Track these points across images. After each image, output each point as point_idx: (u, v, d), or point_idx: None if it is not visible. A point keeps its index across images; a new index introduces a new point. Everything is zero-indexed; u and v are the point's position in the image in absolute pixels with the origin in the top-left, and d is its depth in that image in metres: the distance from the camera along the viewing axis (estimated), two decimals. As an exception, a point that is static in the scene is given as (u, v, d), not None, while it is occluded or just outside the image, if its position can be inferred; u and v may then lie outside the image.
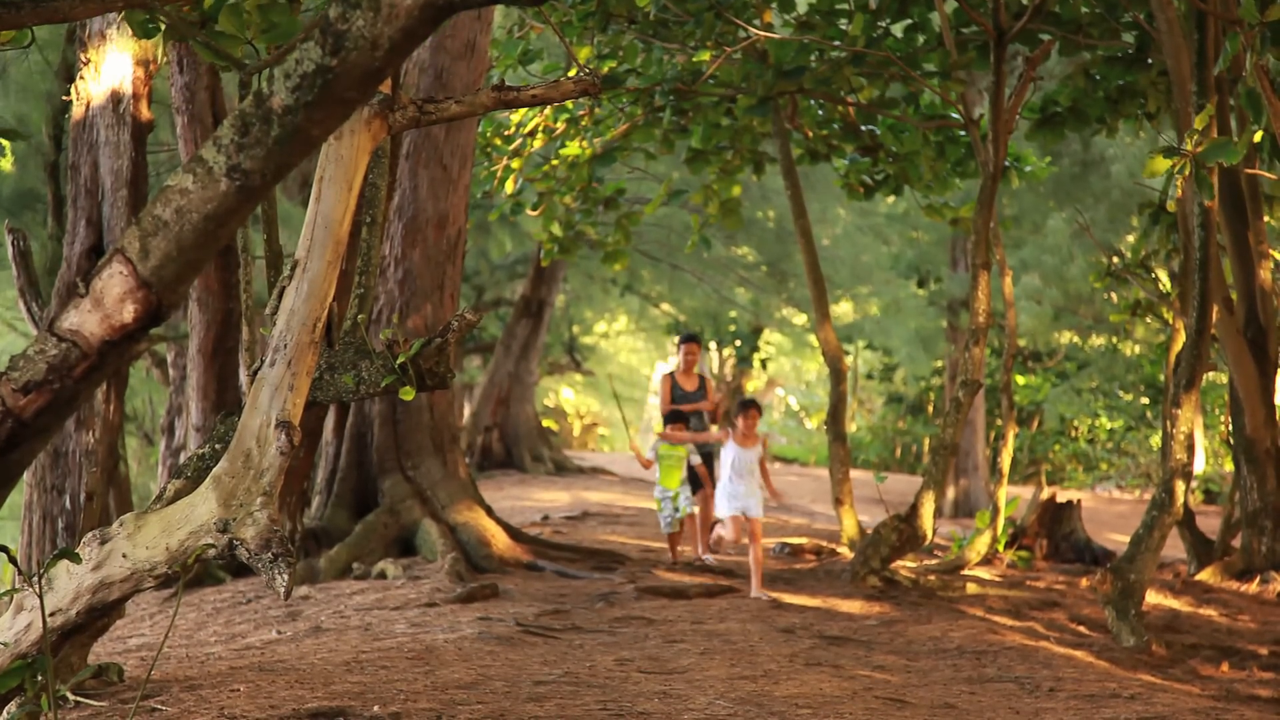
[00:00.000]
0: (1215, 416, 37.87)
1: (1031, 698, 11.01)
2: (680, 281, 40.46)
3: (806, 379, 66.02)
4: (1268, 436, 19.14)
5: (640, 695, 10.37)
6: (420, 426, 18.57)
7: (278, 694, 9.83)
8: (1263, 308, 19.22)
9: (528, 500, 28.34)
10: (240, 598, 15.46)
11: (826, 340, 19.90)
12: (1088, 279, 28.62)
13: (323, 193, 6.95)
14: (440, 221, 18.95)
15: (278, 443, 6.65)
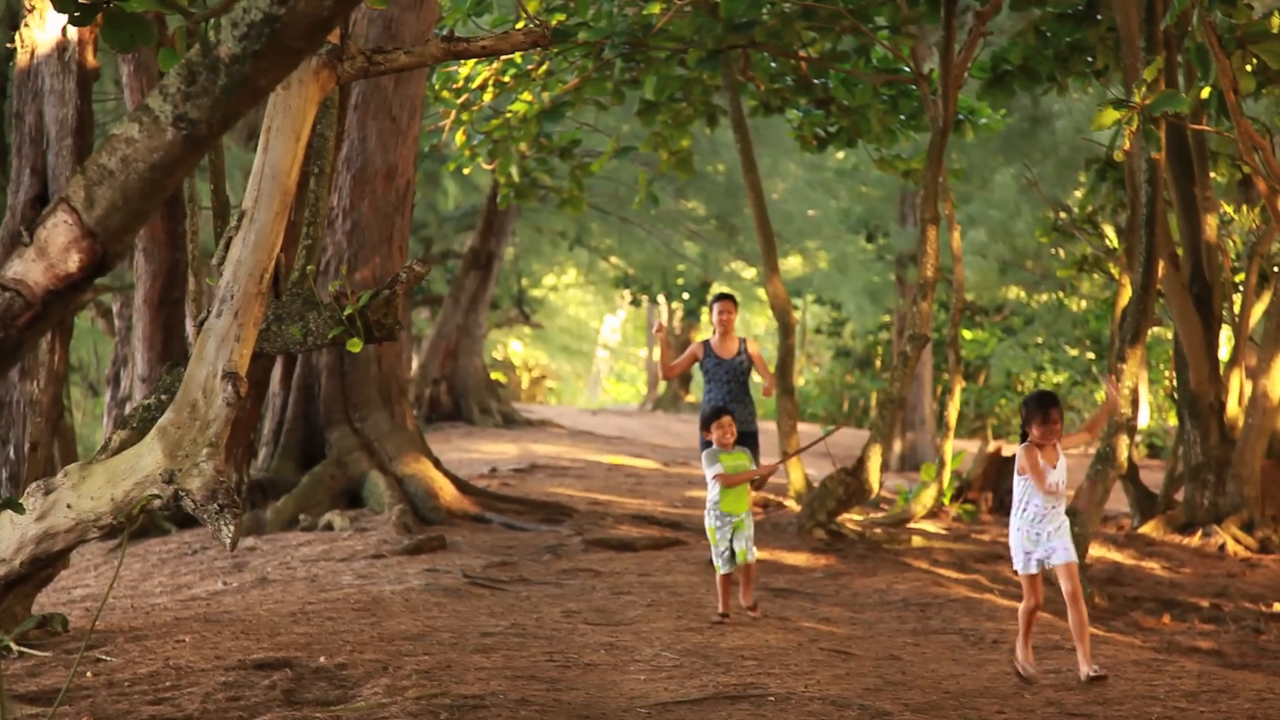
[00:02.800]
0: (1160, 371, 38.12)
1: (975, 649, 11.09)
2: (629, 235, 40.42)
3: (755, 332, 66.09)
4: (1211, 391, 19.27)
5: (587, 646, 10.40)
6: (368, 378, 18.52)
7: (223, 645, 9.81)
8: (1208, 263, 19.33)
9: (475, 452, 28.33)
10: (186, 549, 15.43)
11: (775, 294, 19.94)
12: (1035, 234, 28.69)
13: (270, 143, 6.91)
14: (389, 173, 18.87)
15: (224, 394, 6.63)
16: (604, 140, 27.09)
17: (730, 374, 15.01)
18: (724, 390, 14.99)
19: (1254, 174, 14.09)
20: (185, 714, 7.84)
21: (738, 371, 15.03)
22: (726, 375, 15.00)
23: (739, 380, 15.03)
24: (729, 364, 15.02)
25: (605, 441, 33.72)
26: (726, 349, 15.10)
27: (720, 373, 14.99)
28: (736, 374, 15.03)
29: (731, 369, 15.03)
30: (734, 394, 15.00)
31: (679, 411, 52.30)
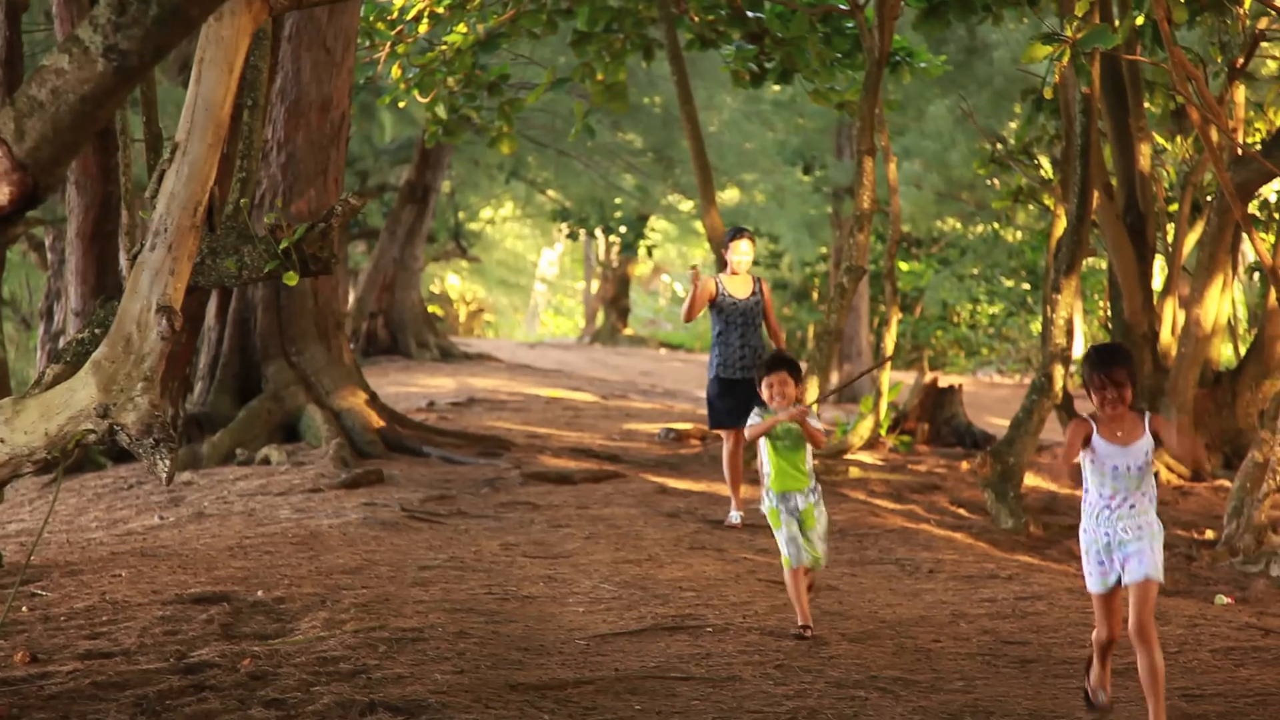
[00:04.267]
0: (1094, 301, 38.30)
1: (912, 579, 11.17)
2: (566, 168, 40.28)
3: (693, 266, 66.05)
4: (1145, 321, 19.39)
5: (526, 579, 10.42)
6: (304, 312, 18.44)
7: (160, 579, 9.79)
8: (1142, 194, 19.41)
9: (413, 386, 28.28)
10: (122, 483, 15.36)
11: (712, 227, 19.92)
12: (970, 165, 28.77)
13: (203, 75, 6.85)
14: (323, 105, 18.73)
15: (158, 328, 6.59)
16: (537, 74, 26.97)
17: (745, 316, 13.60)
18: (738, 334, 13.58)
19: (1187, 104, 14.14)
20: (122, 648, 7.82)
21: (753, 314, 13.64)
22: (742, 317, 13.59)
23: (753, 323, 13.65)
24: (744, 305, 13.63)
25: (543, 375, 33.71)
26: (740, 288, 13.69)
27: (736, 314, 13.59)
28: (751, 316, 13.63)
29: (747, 310, 13.62)
30: (748, 339, 13.62)
31: (617, 344, 52.31)
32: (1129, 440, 7.02)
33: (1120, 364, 6.96)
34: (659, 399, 29.54)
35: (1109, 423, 7.04)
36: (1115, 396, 6.95)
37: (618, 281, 55.80)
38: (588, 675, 7.69)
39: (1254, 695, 7.72)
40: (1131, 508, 7.04)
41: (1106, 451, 7.04)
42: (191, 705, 6.80)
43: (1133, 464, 7.01)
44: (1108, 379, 6.94)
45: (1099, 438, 7.05)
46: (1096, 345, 7.24)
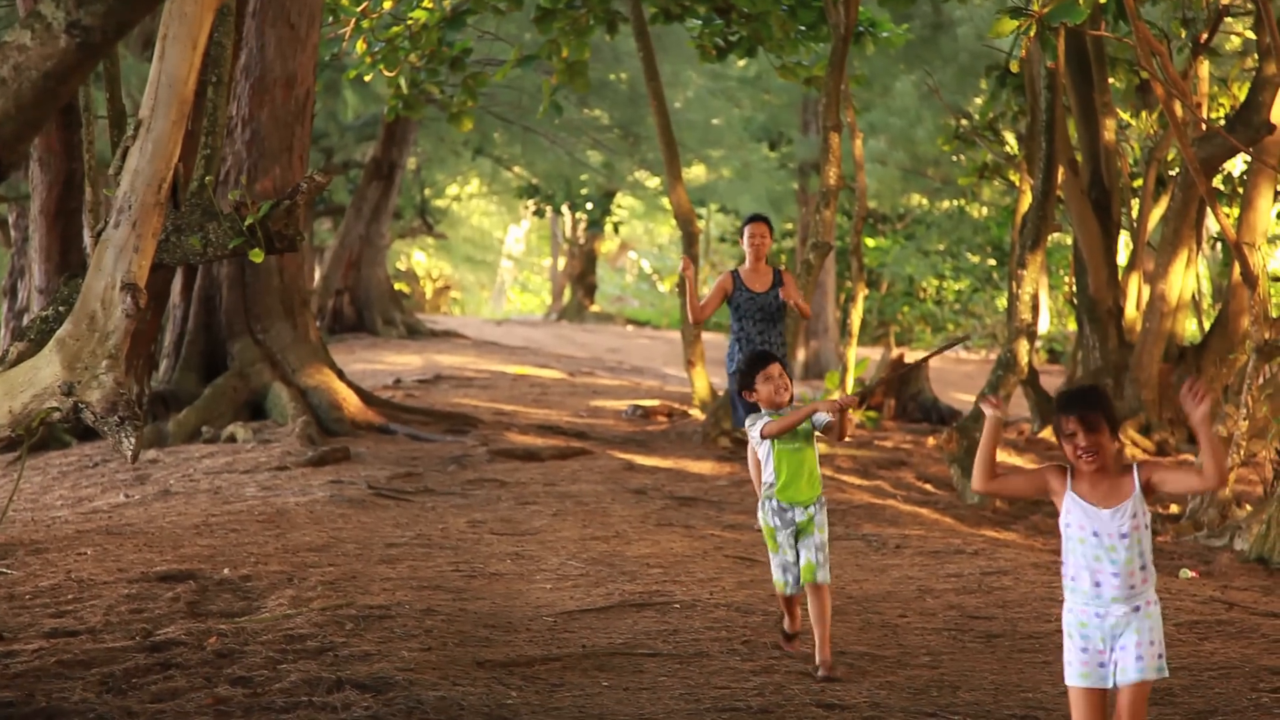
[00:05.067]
0: (1059, 277, 38.41)
1: (879, 555, 11.20)
2: (532, 144, 40.16)
3: (659, 242, 65.98)
4: (1110, 296, 19.46)
5: (493, 556, 10.43)
6: (270, 289, 18.37)
7: (126, 557, 9.77)
8: (1107, 169, 19.47)
9: (379, 364, 28.23)
10: (87, 461, 15.31)
11: (678, 203, 19.92)
12: (935, 141, 28.79)
13: (166, 51, 6.81)
14: (288, 81, 18.65)
15: (123, 305, 6.56)
16: (503, 50, 26.90)
17: (764, 311, 12.40)
18: (756, 329, 12.41)
19: (1152, 79, 14.16)
20: (88, 626, 7.80)
21: (772, 308, 12.42)
22: (759, 312, 12.40)
23: (773, 318, 12.46)
24: (762, 299, 12.41)
25: (510, 352, 33.68)
26: (759, 280, 12.46)
27: (753, 309, 12.39)
28: (770, 311, 12.42)
29: (765, 305, 12.41)
30: (767, 335, 12.44)
31: (583, 321, 52.27)
32: (1111, 501, 5.66)
33: (1095, 407, 5.63)
34: (626, 376, 29.55)
35: (1088, 477, 5.69)
36: (1090, 445, 5.58)
37: (584, 258, 55.71)
38: (555, 652, 7.70)
39: (1218, 668, 7.77)
40: (1131, 589, 5.66)
41: (1081, 514, 5.69)
42: (157, 683, 6.79)
43: (1115, 531, 5.64)
44: (1080, 424, 5.59)
45: (1074, 495, 5.70)
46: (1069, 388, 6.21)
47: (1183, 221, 18.86)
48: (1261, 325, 13.19)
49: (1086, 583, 5.67)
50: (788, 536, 7.74)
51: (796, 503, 7.73)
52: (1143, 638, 5.61)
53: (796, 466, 7.75)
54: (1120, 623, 5.62)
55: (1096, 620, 5.65)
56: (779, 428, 7.63)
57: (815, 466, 7.83)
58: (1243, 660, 7.94)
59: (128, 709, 6.38)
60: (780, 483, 7.76)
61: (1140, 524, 5.69)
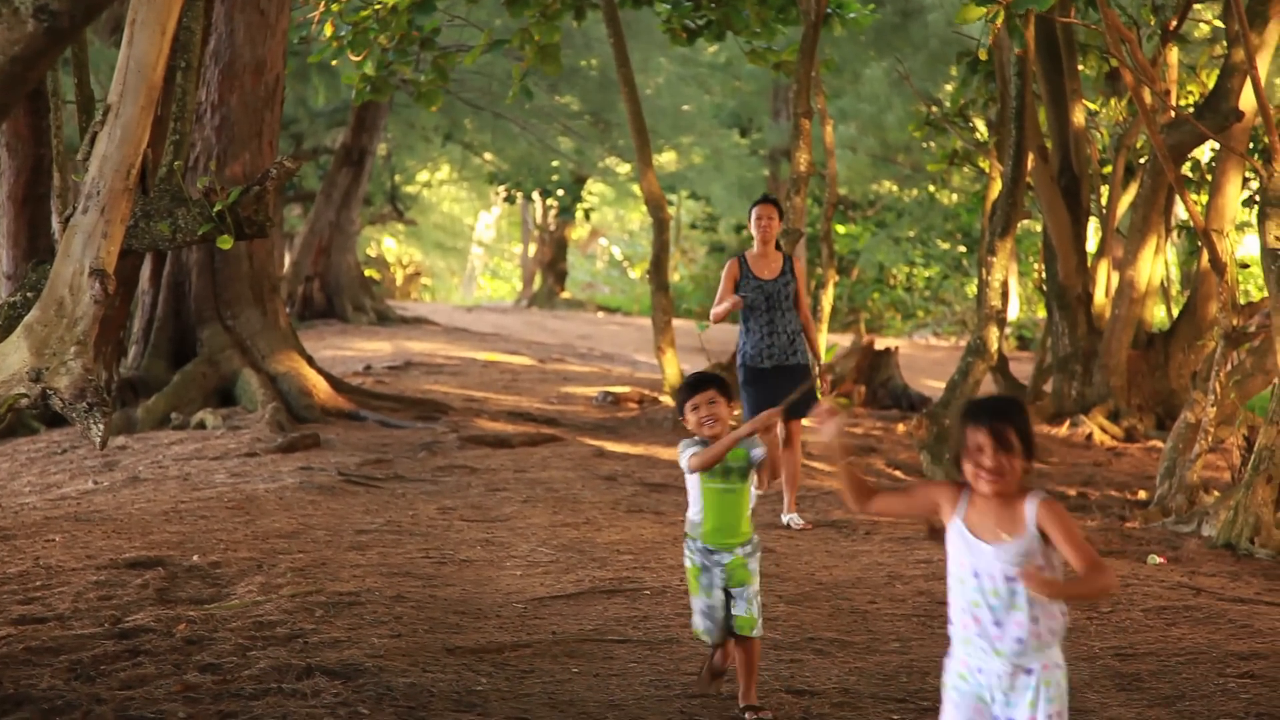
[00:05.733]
0: (1029, 264, 38.53)
1: (848, 541, 11.22)
2: (503, 130, 40.14)
3: (630, 229, 65.99)
4: (1079, 283, 19.52)
5: (463, 543, 10.42)
6: (239, 276, 18.33)
7: (94, 544, 9.75)
8: (1076, 156, 19.52)
9: (350, 350, 28.19)
10: (55, 447, 15.26)
11: (649, 190, 19.92)
12: (905, 128, 28.83)
13: (135, 36, 6.79)
14: (258, 67, 18.60)
15: (91, 291, 6.54)
16: (473, 35, 26.82)
17: (772, 300, 11.73)
18: (764, 318, 11.74)
19: (1121, 66, 14.19)
20: (56, 613, 7.78)
21: (781, 296, 11.76)
22: (767, 301, 11.72)
23: (781, 306, 11.76)
24: (771, 286, 11.75)
25: (480, 338, 33.66)
26: (767, 266, 11.80)
27: (760, 298, 11.73)
28: (780, 300, 11.76)
29: (774, 293, 11.75)
30: (775, 324, 11.76)
31: (554, 308, 52.25)
32: (998, 535, 4.74)
33: (1011, 421, 4.72)
34: (596, 362, 29.54)
35: (981, 503, 4.80)
36: (995, 467, 4.66)
37: (555, 245, 55.67)
38: (525, 638, 7.70)
39: (1185, 654, 7.80)
40: (1018, 645, 4.68)
41: (963, 547, 4.83)
42: (126, 670, 6.78)
43: (999, 573, 4.73)
44: (991, 438, 4.69)
45: (960, 523, 4.82)
46: (983, 397, 5.15)
47: (1151, 208, 18.93)
48: (1229, 312, 13.23)
49: (966, 629, 4.79)
50: (713, 581, 6.75)
51: (725, 547, 6.75)
52: (1037, 712, 4.66)
53: (728, 507, 6.78)
54: (1004, 684, 4.70)
55: (977, 676, 4.79)
56: (704, 460, 6.66)
57: (748, 506, 6.87)
58: (1210, 646, 7.97)
59: (96, 696, 6.37)
60: (708, 526, 6.77)
61: (1026, 565, 4.67)
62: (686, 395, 6.86)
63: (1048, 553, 4.73)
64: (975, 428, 4.75)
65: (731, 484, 6.77)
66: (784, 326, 11.74)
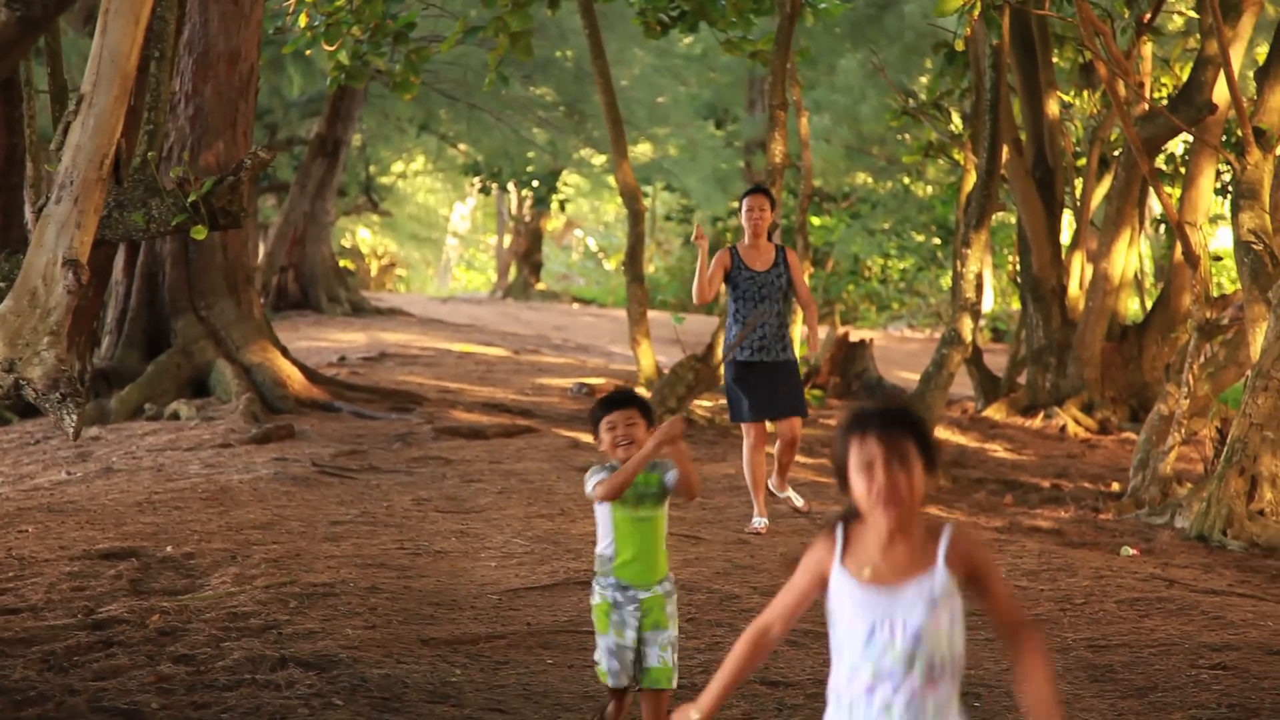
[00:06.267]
0: (1004, 256, 38.57)
1: (823, 532, 11.21)
2: (478, 121, 40.06)
3: (605, 220, 65.91)
4: (1053, 275, 19.57)
5: (438, 534, 10.41)
6: (213, 266, 18.29)
7: (68, 535, 9.72)
8: (1051, 148, 19.57)
9: (324, 341, 28.14)
10: (28, 438, 15.22)
11: (624, 181, 19.90)
12: (881, 120, 28.88)
13: (108, 26, 6.77)
14: (232, 57, 18.55)
15: (65, 281, 6.53)
16: (448, 25, 26.77)
17: (764, 291, 11.27)
18: (754, 313, 11.33)
19: (1095, 59, 14.24)
20: (29, 604, 7.76)
21: (773, 289, 11.29)
22: (759, 293, 11.28)
23: (773, 298, 11.31)
24: (763, 278, 11.28)
25: (455, 329, 33.63)
26: (760, 259, 11.34)
27: (752, 289, 11.28)
28: (772, 292, 11.29)
29: (765, 285, 11.28)
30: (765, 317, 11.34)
31: (529, 299, 52.22)
32: (901, 575, 3.84)
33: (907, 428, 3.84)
34: (571, 354, 29.53)
35: (871, 539, 3.88)
36: (891, 486, 3.75)
37: (530, 236, 55.60)
38: (500, 629, 7.70)
39: (1158, 645, 7.83)
40: (908, 706, 3.79)
41: (851, 596, 3.91)
42: (100, 661, 6.76)
43: (901, 621, 3.82)
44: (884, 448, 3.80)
45: (842, 569, 3.92)
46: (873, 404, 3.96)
47: (1125, 201, 18.98)
48: (1203, 304, 13.28)
49: (854, 693, 3.91)
50: (625, 620, 5.98)
51: (640, 584, 6.01)
52: None
53: (643, 538, 6.05)
54: None
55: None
56: (612, 486, 5.95)
57: (663, 538, 6.15)
58: (1182, 637, 8.00)
59: (69, 687, 6.35)
60: (620, 559, 6.02)
61: (942, 617, 3.81)
62: (603, 412, 6.15)
63: (957, 597, 3.84)
64: (862, 438, 3.83)
65: (645, 512, 6.06)
66: (773, 321, 11.29)
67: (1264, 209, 12.52)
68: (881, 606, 3.82)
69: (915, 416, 3.93)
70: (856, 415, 3.89)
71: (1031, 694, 3.83)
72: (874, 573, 3.84)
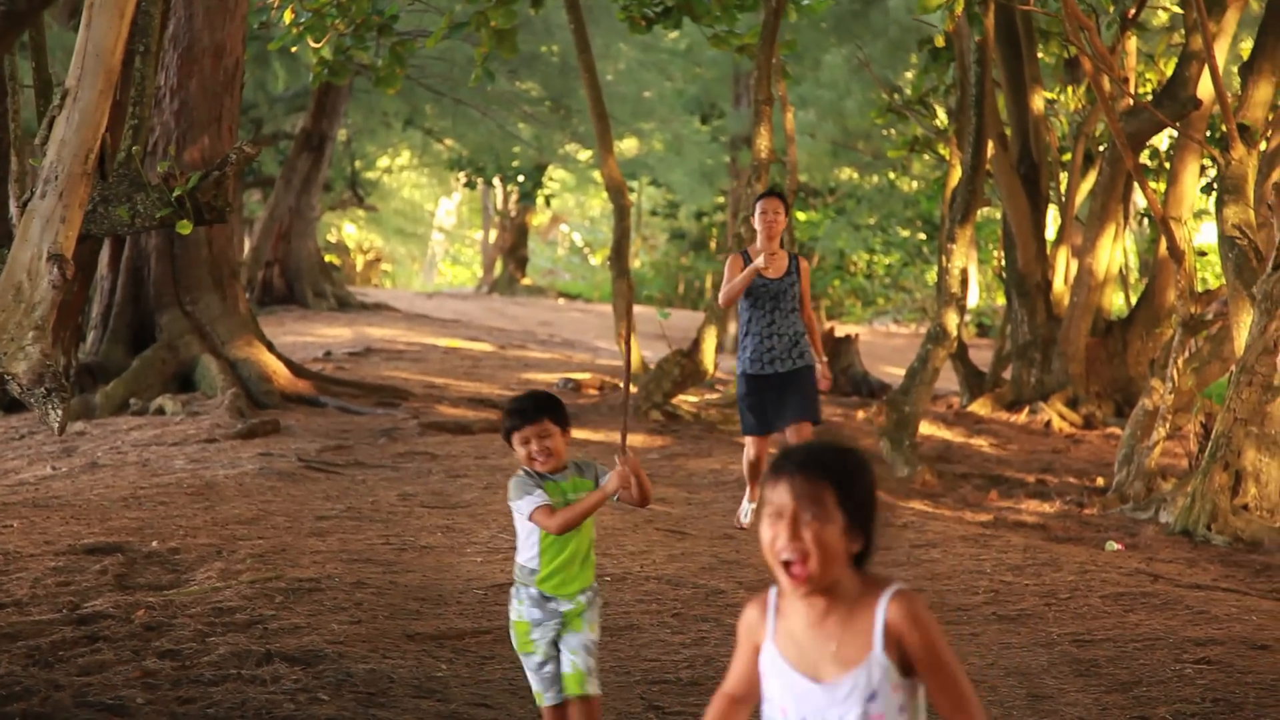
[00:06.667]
0: (989, 251, 38.60)
1: (808, 527, 11.21)
2: (464, 116, 40.00)
3: (590, 215, 65.88)
4: (1038, 270, 19.59)
5: (423, 529, 10.41)
6: (199, 261, 18.26)
7: (53, 530, 9.71)
8: (1035, 144, 19.59)
9: (310, 336, 28.11)
10: (13, 433, 15.19)
11: (610, 176, 19.90)
12: (866, 115, 28.87)
13: (93, 20, 6.76)
14: (217, 51, 18.52)
15: (49, 276, 6.52)
16: (434, 20, 26.74)
17: (776, 299, 10.90)
18: (766, 321, 10.92)
19: (1080, 54, 14.25)
20: (14, 599, 7.75)
21: (786, 296, 10.92)
22: (771, 301, 10.89)
23: (784, 308, 10.93)
24: (776, 286, 10.90)
25: (441, 324, 33.61)
26: (774, 265, 10.89)
27: (765, 297, 10.90)
28: (785, 299, 10.92)
29: (779, 293, 10.89)
30: (777, 325, 10.91)
31: (515, 294, 52.17)
32: (831, 665, 3.22)
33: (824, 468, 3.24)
34: (557, 349, 29.52)
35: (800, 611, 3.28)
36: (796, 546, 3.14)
37: (515, 231, 55.53)
38: (485, 624, 7.70)
39: (1143, 639, 7.84)
40: None
41: (782, 685, 3.30)
42: (85, 656, 6.76)
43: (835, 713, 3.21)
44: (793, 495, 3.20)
45: (773, 648, 3.32)
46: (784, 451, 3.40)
47: (1110, 196, 19.01)
48: (1187, 299, 13.31)
49: None
50: (546, 634, 5.68)
51: (563, 595, 5.73)
52: None
53: (568, 551, 5.77)
54: None
55: None
56: (562, 525, 5.67)
57: (591, 546, 5.90)
58: (1167, 631, 8.02)
59: (54, 682, 6.35)
60: (544, 571, 5.72)
61: (884, 707, 3.20)
62: (514, 424, 5.75)
63: (902, 685, 3.20)
64: (773, 482, 3.26)
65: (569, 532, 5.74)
66: (787, 329, 10.86)
67: (1248, 204, 12.55)
68: (813, 702, 3.22)
69: (845, 461, 3.27)
70: (779, 454, 3.35)
71: None
72: (802, 658, 3.24)
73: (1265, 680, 7.10)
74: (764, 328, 10.83)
